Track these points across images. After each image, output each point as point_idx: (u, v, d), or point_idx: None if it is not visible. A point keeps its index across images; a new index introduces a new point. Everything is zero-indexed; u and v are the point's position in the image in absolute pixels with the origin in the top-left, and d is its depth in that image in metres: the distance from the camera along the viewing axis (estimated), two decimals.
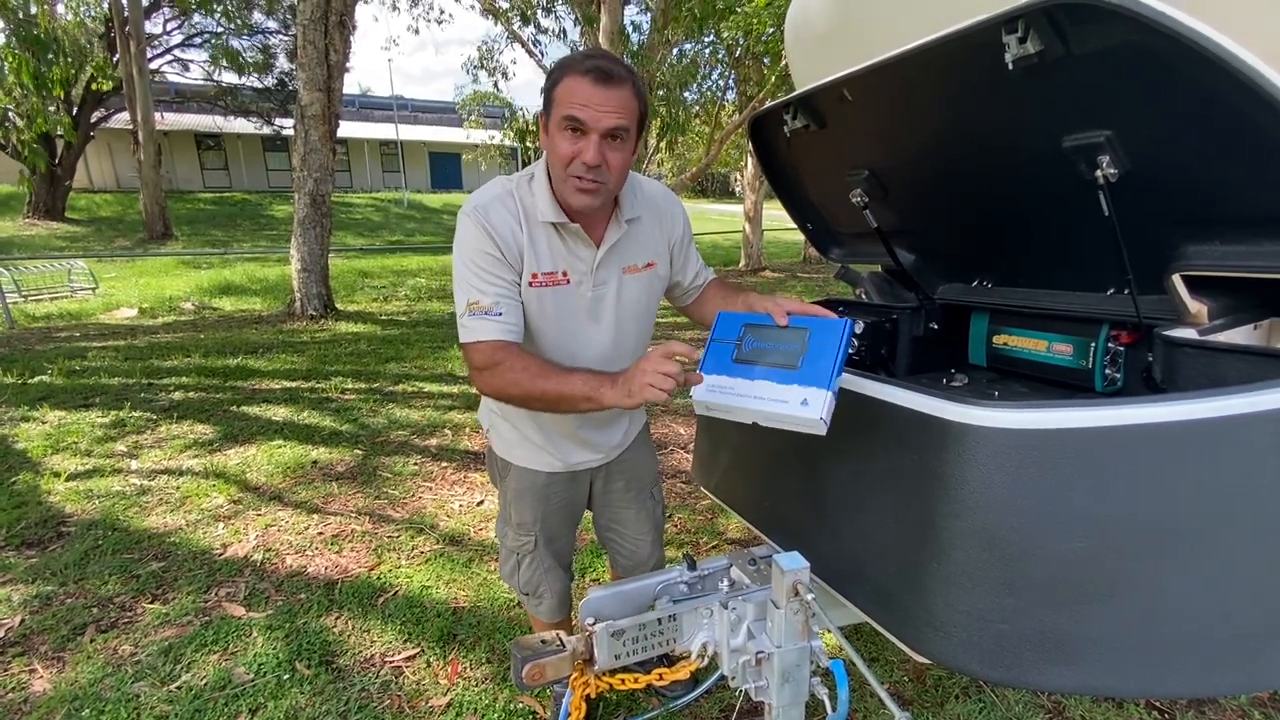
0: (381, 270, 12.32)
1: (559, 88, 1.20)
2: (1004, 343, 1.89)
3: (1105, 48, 1.11)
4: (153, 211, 16.24)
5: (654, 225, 1.44)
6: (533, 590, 1.64)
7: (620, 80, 1.18)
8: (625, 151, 1.24)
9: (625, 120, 1.19)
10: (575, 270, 1.34)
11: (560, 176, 1.24)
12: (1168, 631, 1.01)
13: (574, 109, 1.17)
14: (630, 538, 1.72)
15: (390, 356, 6.12)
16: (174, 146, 24.92)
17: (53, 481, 3.38)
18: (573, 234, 1.31)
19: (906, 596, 1.15)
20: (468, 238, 1.27)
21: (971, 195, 1.70)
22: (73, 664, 2.08)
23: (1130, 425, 0.98)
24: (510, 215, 1.28)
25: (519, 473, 1.56)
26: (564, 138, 1.20)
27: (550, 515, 1.59)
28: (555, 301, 1.33)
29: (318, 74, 7.08)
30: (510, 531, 1.63)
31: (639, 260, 1.41)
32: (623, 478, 1.66)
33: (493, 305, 1.25)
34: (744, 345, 1.29)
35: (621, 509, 1.69)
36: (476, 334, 1.26)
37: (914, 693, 1.93)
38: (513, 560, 1.64)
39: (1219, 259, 1.28)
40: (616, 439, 1.59)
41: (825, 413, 1.15)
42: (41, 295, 9.15)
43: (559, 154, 1.21)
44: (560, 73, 1.21)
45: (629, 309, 1.41)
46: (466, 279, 1.27)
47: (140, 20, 15.36)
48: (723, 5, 9.33)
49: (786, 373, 1.21)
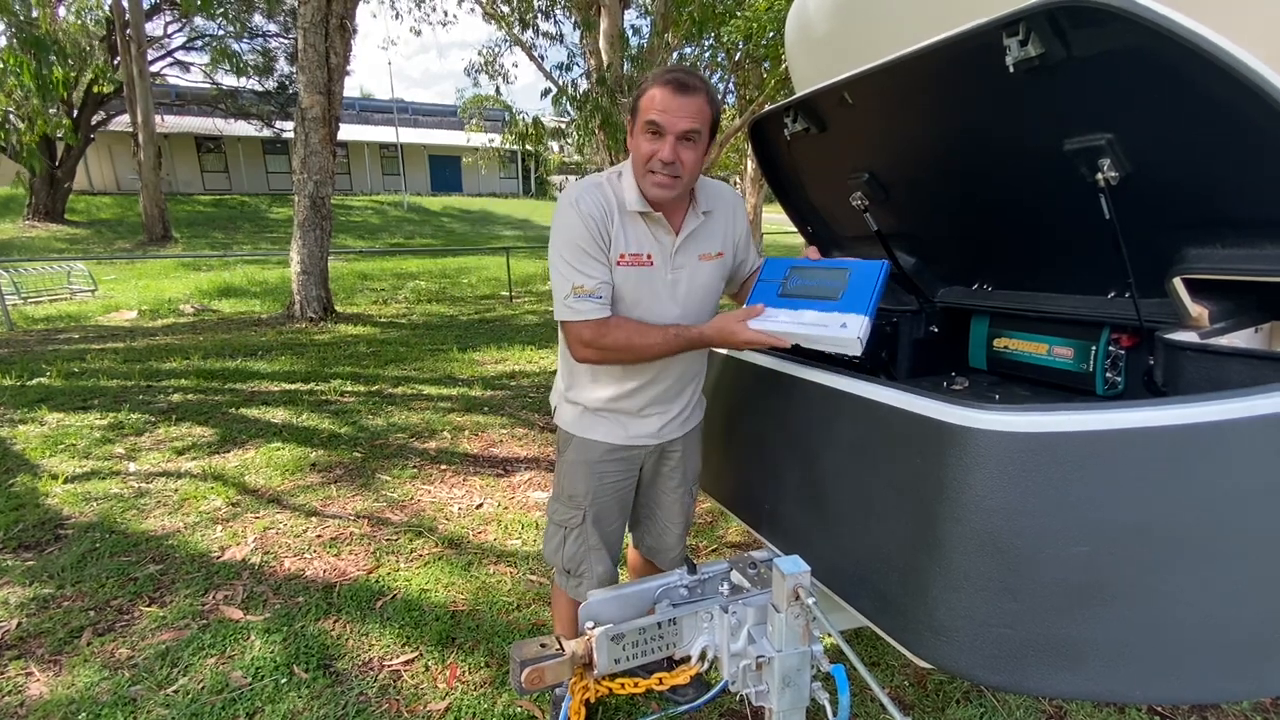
0: (381, 273, 12.33)
1: (644, 97, 1.39)
2: (1004, 346, 1.88)
3: (1106, 50, 1.11)
4: (152, 214, 16.26)
5: (724, 219, 1.61)
6: (574, 567, 1.68)
7: (695, 90, 1.36)
8: (698, 151, 1.42)
9: (698, 124, 1.38)
10: (658, 253, 1.50)
11: (641, 172, 1.42)
12: (1170, 636, 1.01)
13: (653, 114, 1.36)
14: (662, 520, 1.80)
15: (390, 359, 6.12)
16: (174, 149, 24.95)
17: (50, 484, 3.37)
18: (655, 221, 1.48)
19: (907, 600, 1.14)
20: (567, 226, 1.44)
21: (972, 198, 1.70)
22: (69, 667, 2.07)
23: (1131, 429, 0.98)
24: (603, 201, 1.45)
25: (579, 445, 1.65)
26: (645, 139, 1.39)
27: (602, 493, 1.65)
28: (639, 280, 1.50)
29: (318, 77, 7.09)
30: (560, 506, 1.69)
31: (711, 249, 1.58)
32: (671, 464, 1.74)
33: (595, 289, 1.43)
34: (789, 283, 1.45)
35: (664, 494, 1.77)
36: (583, 314, 1.43)
37: (915, 697, 1.93)
38: (560, 534, 1.69)
39: (1220, 262, 1.28)
40: (680, 416, 1.69)
41: (861, 333, 1.27)
42: (41, 297, 9.15)
43: (641, 152, 1.40)
44: (646, 85, 1.41)
45: (699, 292, 1.57)
46: (570, 264, 1.43)
47: (141, 23, 15.40)
48: (722, 9, 9.36)
49: (828, 303, 1.35)
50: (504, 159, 20.42)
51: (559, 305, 1.46)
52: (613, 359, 1.51)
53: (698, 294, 1.57)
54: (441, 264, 14.07)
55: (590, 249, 1.42)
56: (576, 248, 1.42)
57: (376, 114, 33.12)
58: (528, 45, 11.76)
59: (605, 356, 1.49)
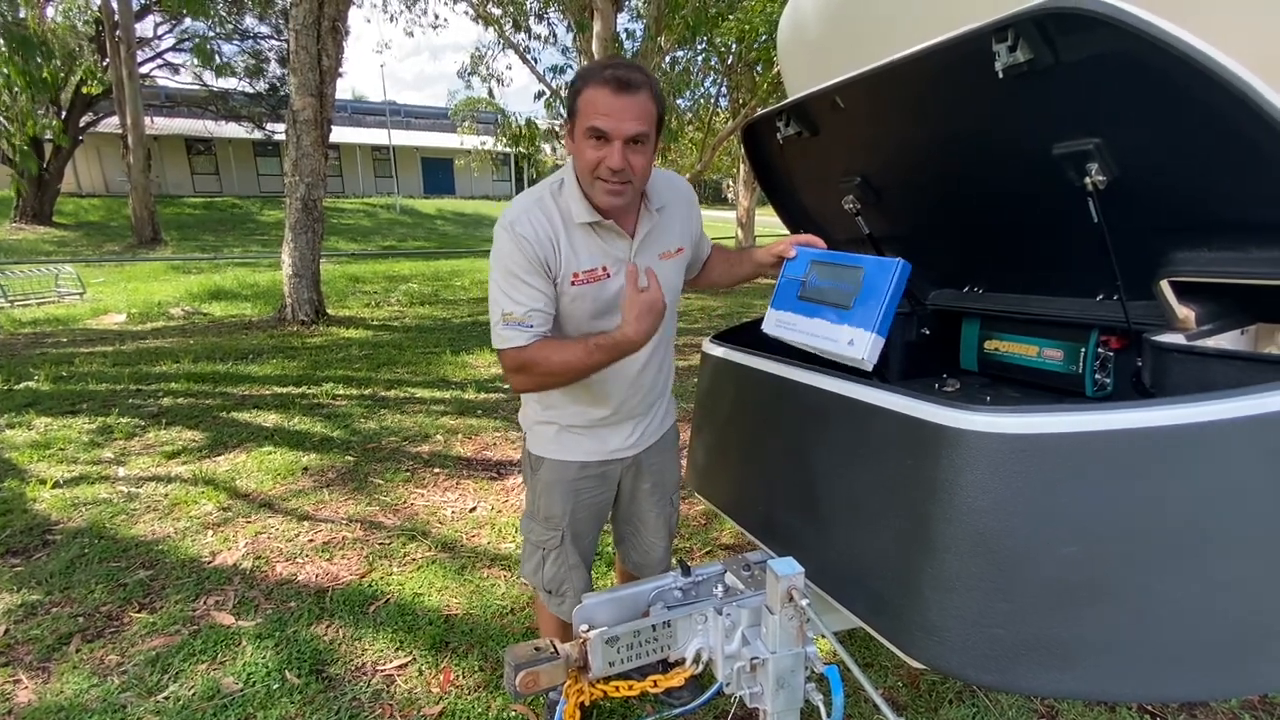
0: (374, 275, 12.27)
1: (581, 98, 1.27)
2: (995, 348, 1.90)
3: (1094, 56, 1.13)
4: (142, 216, 16.13)
5: (680, 212, 1.54)
6: (555, 588, 1.65)
7: (637, 87, 1.25)
8: (647, 154, 1.32)
9: (645, 126, 1.28)
10: (613, 263, 1.42)
11: (588, 180, 1.33)
12: (1160, 635, 1.02)
13: (596, 119, 1.25)
14: (646, 536, 1.78)
15: (382, 362, 6.09)
16: (164, 151, 24.78)
17: (38, 489, 3.33)
18: (607, 229, 1.40)
19: (900, 601, 1.15)
20: (501, 252, 1.36)
21: (963, 202, 1.71)
22: (58, 674, 2.05)
23: (1119, 430, 0.99)
24: (545, 221, 1.36)
25: (551, 465, 1.60)
26: (589, 145, 1.28)
27: (579, 511, 1.62)
28: (596, 295, 1.42)
29: (310, 79, 7.06)
30: (537, 527, 1.65)
31: (671, 245, 1.52)
32: (650, 479, 1.71)
33: (524, 317, 1.34)
34: (809, 282, 1.46)
35: (645, 510, 1.75)
36: (509, 341, 1.36)
37: (908, 698, 1.94)
38: (538, 556, 1.66)
39: (1206, 265, 1.30)
40: (653, 420, 1.67)
41: (868, 353, 1.29)
42: (28, 300, 9.05)
43: (585, 160, 1.30)
44: (581, 83, 1.28)
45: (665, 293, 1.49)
46: (502, 290, 1.36)
47: (131, 24, 15.29)
48: (715, 13, 9.40)
49: (840, 312, 1.37)
50: (497, 161, 20.37)
51: (493, 333, 1.39)
52: (549, 383, 1.44)
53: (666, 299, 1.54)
54: (434, 266, 14.03)
55: (523, 274, 1.34)
56: (508, 273, 1.35)
57: (369, 116, 33.06)
58: (520, 48, 11.77)
59: (540, 382, 1.42)
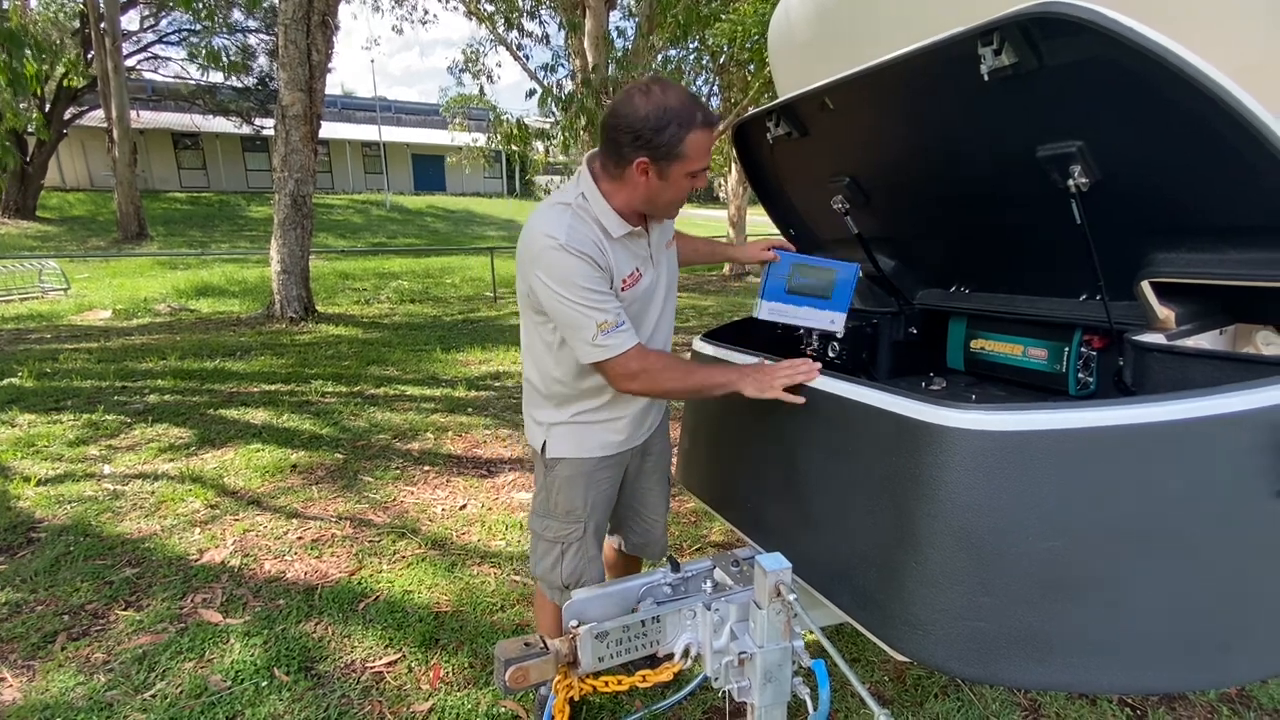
0: (363, 272, 12.21)
1: (687, 144, 1.33)
2: (981, 347, 1.93)
3: (1077, 61, 1.15)
4: (127, 211, 15.94)
5: None
6: (574, 582, 1.63)
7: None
8: None
9: None
10: (642, 262, 1.53)
11: (667, 210, 1.47)
12: (1139, 629, 1.04)
13: (704, 161, 1.38)
14: (647, 515, 1.83)
15: (372, 359, 6.06)
16: (150, 145, 24.46)
17: (22, 486, 3.30)
18: (634, 235, 1.49)
19: (886, 596, 1.17)
20: (568, 270, 1.36)
21: (949, 203, 1.74)
22: (43, 673, 2.04)
23: (1100, 427, 1.01)
24: (590, 235, 1.41)
25: (570, 461, 1.62)
26: (688, 181, 1.40)
27: (599, 500, 1.66)
28: (638, 295, 1.53)
29: (299, 74, 7.01)
30: (554, 523, 1.64)
31: (669, 234, 1.64)
32: (653, 454, 1.80)
33: (617, 320, 1.38)
34: (794, 280, 1.74)
35: (648, 490, 1.81)
36: (619, 347, 1.39)
37: (894, 692, 1.96)
38: (555, 551, 1.64)
39: (1186, 266, 1.32)
40: (660, 409, 1.79)
41: (841, 326, 1.80)
42: (11, 296, 8.94)
43: (679, 193, 1.41)
44: (684, 129, 1.32)
45: (670, 280, 1.65)
46: (586, 305, 1.37)
47: (116, 16, 15.10)
48: (706, 13, 9.40)
49: (823, 301, 1.76)
50: (488, 159, 20.27)
51: (587, 349, 1.39)
52: (652, 395, 1.56)
53: (671, 282, 1.64)
54: (424, 264, 13.96)
55: (596, 285, 1.37)
56: (583, 289, 1.36)
57: (359, 112, 32.76)
58: (512, 45, 11.72)
59: (649, 392, 1.51)
